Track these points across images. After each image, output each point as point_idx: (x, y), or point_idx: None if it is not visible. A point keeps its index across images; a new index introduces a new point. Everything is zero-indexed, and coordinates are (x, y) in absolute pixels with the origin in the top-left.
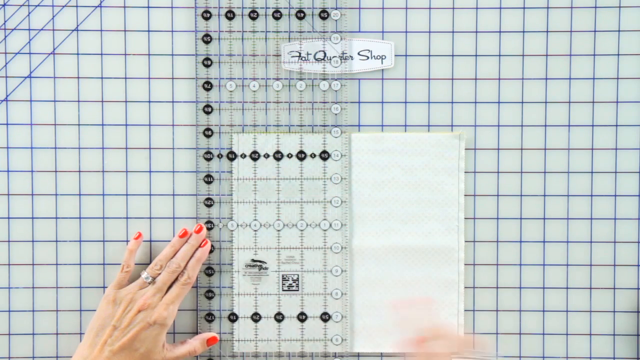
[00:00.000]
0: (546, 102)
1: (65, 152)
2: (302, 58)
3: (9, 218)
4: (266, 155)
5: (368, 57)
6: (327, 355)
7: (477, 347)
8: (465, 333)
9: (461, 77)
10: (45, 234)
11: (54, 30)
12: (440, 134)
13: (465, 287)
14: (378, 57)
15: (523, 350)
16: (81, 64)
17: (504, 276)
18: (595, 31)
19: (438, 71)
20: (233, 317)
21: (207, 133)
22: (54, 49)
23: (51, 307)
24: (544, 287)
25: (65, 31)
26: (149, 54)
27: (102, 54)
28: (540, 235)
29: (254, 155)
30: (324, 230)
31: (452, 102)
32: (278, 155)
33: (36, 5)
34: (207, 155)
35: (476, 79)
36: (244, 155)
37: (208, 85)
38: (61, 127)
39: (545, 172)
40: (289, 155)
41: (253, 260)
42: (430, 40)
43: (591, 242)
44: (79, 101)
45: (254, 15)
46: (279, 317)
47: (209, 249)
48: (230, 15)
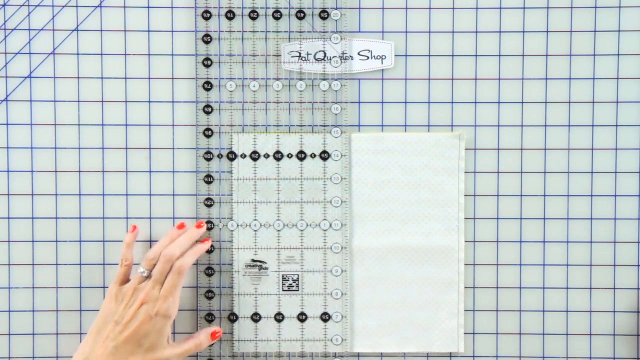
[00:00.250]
0: (546, 102)
1: (65, 152)
2: (302, 58)
3: (9, 218)
4: (266, 155)
5: (368, 57)
6: (327, 355)
7: None
8: (465, 333)
9: (461, 77)
10: (45, 234)
11: (54, 30)
12: (440, 134)
13: (465, 287)
14: (378, 57)
15: (523, 350)
16: (81, 64)
17: (504, 276)
18: (595, 31)
19: (438, 71)
20: (233, 317)
21: (207, 133)
22: (54, 49)
23: (51, 307)
24: (544, 287)
25: (65, 31)
26: (149, 54)
27: (102, 54)
28: (540, 235)
29: (254, 155)
30: (324, 230)
31: (452, 102)
32: (278, 155)
33: (36, 5)
34: (207, 155)
35: (476, 79)
36: (244, 155)
37: (208, 85)
38: (61, 127)
39: (545, 172)
40: (289, 155)
41: (253, 260)
42: (430, 40)
43: (591, 242)
44: (79, 101)
45: (254, 15)
46: (279, 317)
47: (209, 246)
48: (230, 15)
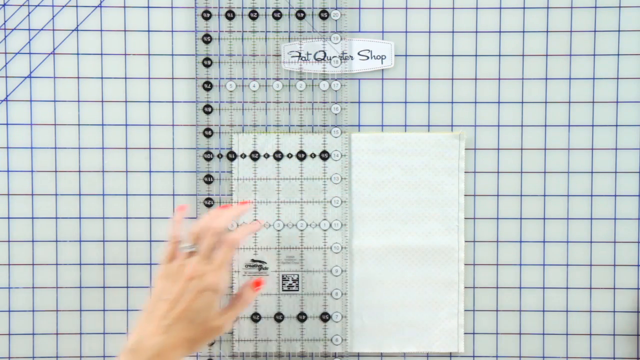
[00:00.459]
0: (546, 102)
1: (65, 152)
2: (302, 58)
3: (9, 218)
4: (266, 155)
5: (368, 57)
6: (327, 355)
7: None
8: (465, 333)
9: (461, 77)
10: (45, 234)
11: (54, 30)
12: (440, 134)
13: (465, 287)
14: (378, 57)
15: (523, 350)
16: (81, 64)
17: (504, 276)
18: (595, 31)
19: (438, 71)
20: None
21: (207, 133)
22: (54, 49)
23: (51, 307)
24: (544, 287)
25: (65, 31)
26: (149, 54)
27: (102, 54)
28: (540, 235)
29: (254, 155)
30: (324, 230)
31: (452, 102)
32: (278, 155)
33: (36, 5)
34: (207, 155)
35: (476, 79)
36: (244, 155)
37: (208, 85)
38: (61, 127)
39: (545, 172)
40: (289, 155)
41: (253, 260)
42: (430, 40)
43: (591, 242)
44: (79, 101)
45: (254, 15)
46: (279, 317)
47: (261, 227)
48: (230, 15)
